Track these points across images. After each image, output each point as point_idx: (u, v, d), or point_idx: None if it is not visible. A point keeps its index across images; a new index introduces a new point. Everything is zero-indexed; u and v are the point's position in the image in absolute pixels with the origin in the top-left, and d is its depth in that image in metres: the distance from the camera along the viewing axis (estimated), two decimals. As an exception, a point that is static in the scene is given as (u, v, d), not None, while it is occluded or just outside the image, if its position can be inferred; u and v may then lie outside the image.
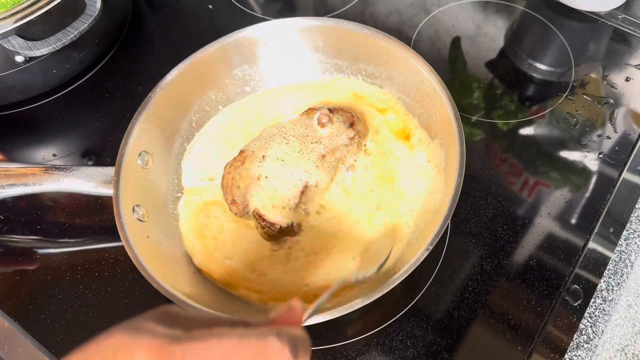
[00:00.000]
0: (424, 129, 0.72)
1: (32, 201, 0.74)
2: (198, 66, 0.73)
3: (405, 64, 0.72)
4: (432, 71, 0.69)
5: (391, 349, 0.63)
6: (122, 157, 0.64)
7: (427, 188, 0.68)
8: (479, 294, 0.67)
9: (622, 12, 0.94)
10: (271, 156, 0.66)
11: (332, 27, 0.75)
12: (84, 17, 0.74)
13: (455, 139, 0.63)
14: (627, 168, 0.77)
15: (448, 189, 0.61)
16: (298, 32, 0.76)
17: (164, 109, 0.70)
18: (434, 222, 0.60)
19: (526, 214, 0.73)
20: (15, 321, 0.65)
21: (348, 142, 0.68)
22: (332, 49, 0.77)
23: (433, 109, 0.69)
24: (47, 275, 0.68)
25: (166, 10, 0.96)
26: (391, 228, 0.66)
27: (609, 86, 0.86)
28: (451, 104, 0.65)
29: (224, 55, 0.75)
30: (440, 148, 0.68)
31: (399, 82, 0.74)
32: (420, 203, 0.67)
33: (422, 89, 0.70)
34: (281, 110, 0.77)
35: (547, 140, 0.80)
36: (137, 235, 0.60)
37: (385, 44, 0.73)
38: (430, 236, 0.56)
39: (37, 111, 0.82)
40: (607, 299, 0.67)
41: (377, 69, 0.76)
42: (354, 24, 0.74)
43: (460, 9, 0.96)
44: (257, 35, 0.76)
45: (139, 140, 0.67)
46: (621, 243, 0.71)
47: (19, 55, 0.72)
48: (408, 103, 0.74)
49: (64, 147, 0.79)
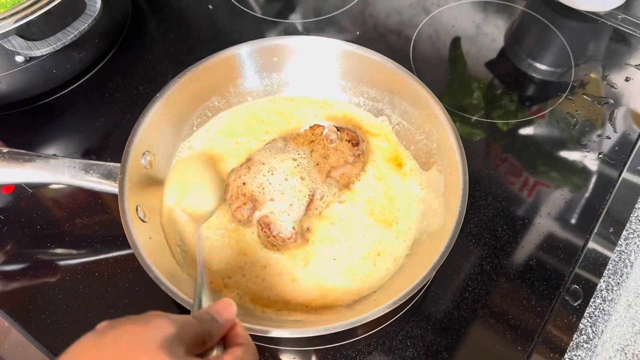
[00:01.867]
0: (417, 158, 0.73)
1: (32, 201, 0.74)
2: (207, 71, 0.73)
3: (410, 92, 0.72)
4: (436, 100, 0.69)
5: (391, 349, 0.63)
6: (128, 155, 0.64)
7: (421, 211, 0.69)
8: (479, 294, 0.67)
9: (622, 12, 0.94)
10: (278, 168, 0.66)
11: (341, 49, 0.75)
12: (84, 17, 0.74)
13: (456, 165, 0.64)
14: (627, 168, 0.77)
15: (449, 213, 0.62)
16: (308, 49, 0.76)
17: (171, 110, 0.70)
18: (433, 245, 0.61)
19: (526, 214, 0.73)
20: (15, 321, 0.65)
21: (353, 161, 0.69)
22: (338, 69, 0.77)
23: (434, 136, 0.70)
24: (47, 276, 0.68)
25: (166, 10, 0.96)
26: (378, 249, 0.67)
27: (608, 86, 0.86)
28: (454, 132, 0.66)
29: (233, 63, 0.75)
30: (439, 174, 0.68)
31: (400, 108, 0.74)
32: (415, 225, 0.68)
33: (425, 116, 0.71)
34: (283, 120, 0.77)
35: (547, 140, 0.80)
36: (140, 235, 0.60)
37: (391, 71, 0.73)
38: (432, 260, 0.57)
39: (37, 111, 0.82)
40: (606, 298, 0.67)
41: (380, 93, 0.76)
42: (362, 49, 0.74)
43: (460, 9, 0.96)
44: (267, 47, 0.76)
45: (144, 138, 0.67)
46: (621, 243, 0.71)
47: (19, 55, 0.72)
48: (407, 129, 0.74)
49: (64, 147, 0.79)
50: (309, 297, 0.63)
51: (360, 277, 0.64)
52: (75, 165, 0.64)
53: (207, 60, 0.73)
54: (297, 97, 0.79)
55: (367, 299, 0.62)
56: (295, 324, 0.60)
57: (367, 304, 0.60)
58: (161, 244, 0.64)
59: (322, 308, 0.62)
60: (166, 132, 0.71)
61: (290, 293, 0.63)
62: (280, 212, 0.64)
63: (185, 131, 0.74)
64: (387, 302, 0.55)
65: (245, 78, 0.77)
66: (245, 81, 0.77)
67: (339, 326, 0.54)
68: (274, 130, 0.76)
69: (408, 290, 0.55)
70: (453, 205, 0.62)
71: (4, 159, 0.63)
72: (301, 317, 0.61)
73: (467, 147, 0.65)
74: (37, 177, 0.63)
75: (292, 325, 0.59)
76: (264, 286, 0.64)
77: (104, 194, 0.72)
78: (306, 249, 0.66)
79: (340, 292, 0.63)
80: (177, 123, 0.72)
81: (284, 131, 0.75)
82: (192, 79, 0.72)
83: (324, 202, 0.68)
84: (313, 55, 0.76)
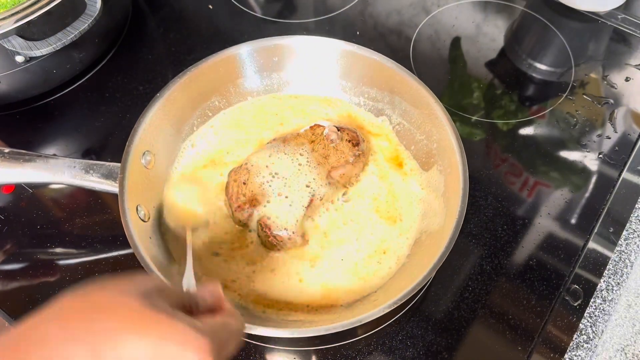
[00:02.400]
0: (418, 158, 0.73)
1: (32, 201, 0.74)
2: (207, 71, 0.73)
3: (410, 92, 0.72)
4: (437, 100, 0.69)
5: (391, 349, 0.63)
6: (128, 155, 0.64)
7: (421, 210, 0.69)
8: (479, 294, 0.67)
9: (622, 12, 0.94)
10: (278, 169, 0.66)
11: (341, 49, 0.75)
12: (84, 17, 0.74)
13: (456, 165, 0.64)
14: (627, 168, 0.77)
15: (449, 213, 0.62)
16: (308, 49, 0.76)
17: (171, 110, 0.70)
18: (432, 245, 0.61)
19: (526, 214, 0.73)
20: (15, 321, 0.65)
21: (353, 161, 0.69)
22: (338, 69, 0.77)
23: (434, 137, 0.70)
24: (47, 275, 0.68)
25: (166, 10, 0.96)
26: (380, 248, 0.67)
27: (608, 86, 0.86)
28: (454, 133, 0.66)
29: (234, 63, 0.75)
30: (439, 174, 0.68)
31: (400, 108, 0.74)
32: (416, 224, 0.68)
33: (425, 116, 0.71)
34: (283, 118, 0.77)
35: (547, 140, 0.80)
36: (141, 235, 0.60)
37: (392, 71, 0.73)
38: (432, 260, 0.57)
39: (37, 111, 0.82)
40: (607, 298, 0.67)
41: (380, 93, 0.76)
42: (362, 49, 0.74)
43: (460, 9, 0.96)
44: (267, 46, 0.76)
45: (144, 138, 0.67)
46: (621, 243, 0.71)
47: (19, 55, 0.72)
48: (408, 129, 0.74)
49: (64, 147, 0.79)
50: (312, 297, 0.63)
51: (364, 276, 0.64)
52: (76, 165, 0.63)
53: (207, 60, 0.73)
54: (301, 95, 0.79)
55: (367, 298, 0.62)
56: (295, 324, 0.60)
57: (367, 304, 0.60)
58: (161, 244, 0.64)
59: (322, 307, 0.62)
60: (166, 132, 0.71)
61: (295, 294, 0.63)
62: (280, 213, 0.64)
63: (186, 130, 0.74)
64: (387, 302, 0.55)
65: (245, 78, 0.77)
66: (246, 81, 0.77)
67: (339, 326, 0.53)
68: (289, 124, 0.76)
69: (408, 290, 0.55)
70: (453, 205, 0.62)
71: (5, 159, 0.63)
72: (302, 317, 0.61)
73: (467, 147, 0.65)
74: (38, 177, 0.63)
75: (292, 325, 0.59)
76: (269, 288, 0.64)
77: (104, 194, 0.72)
78: (315, 250, 0.66)
79: (342, 292, 0.63)
80: (177, 123, 0.72)
81: (298, 126, 0.75)
82: (192, 79, 0.71)
83: (323, 203, 0.68)
84: (313, 55, 0.76)
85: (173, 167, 0.72)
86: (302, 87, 0.79)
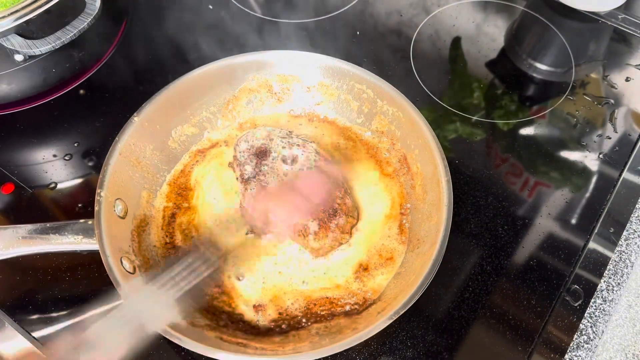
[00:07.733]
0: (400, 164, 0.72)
1: (32, 201, 0.74)
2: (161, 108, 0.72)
3: (394, 103, 0.72)
4: (415, 110, 0.69)
5: (391, 349, 0.63)
6: (101, 206, 0.61)
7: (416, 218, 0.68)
8: (479, 294, 0.67)
9: (622, 12, 0.94)
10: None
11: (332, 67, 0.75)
12: (83, 15, 0.74)
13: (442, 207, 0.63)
14: (627, 168, 0.77)
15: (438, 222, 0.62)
16: (297, 65, 0.75)
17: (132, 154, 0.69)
18: (425, 253, 0.61)
19: (526, 214, 0.73)
20: (15, 321, 0.65)
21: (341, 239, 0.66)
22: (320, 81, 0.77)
23: (414, 142, 0.70)
24: (47, 275, 0.68)
25: (166, 10, 0.96)
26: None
27: (609, 86, 0.86)
28: (434, 139, 0.66)
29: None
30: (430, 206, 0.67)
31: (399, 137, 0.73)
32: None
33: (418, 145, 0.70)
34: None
35: (547, 140, 0.80)
36: (133, 287, 0.58)
37: (373, 84, 0.72)
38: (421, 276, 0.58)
39: (37, 111, 0.82)
40: (607, 299, 0.67)
41: (364, 105, 0.75)
42: (344, 63, 0.74)
43: (460, 9, 0.96)
44: (255, 61, 0.75)
45: (113, 187, 0.64)
46: (621, 243, 0.71)
47: (18, 54, 0.72)
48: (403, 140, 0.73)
49: (64, 147, 0.79)
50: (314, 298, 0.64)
51: (365, 282, 0.65)
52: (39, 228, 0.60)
53: (158, 95, 0.71)
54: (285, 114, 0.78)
55: (368, 309, 0.62)
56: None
57: (368, 316, 0.60)
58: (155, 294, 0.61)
59: (322, 311, 0.63)
60: (133, 175, 0.68)
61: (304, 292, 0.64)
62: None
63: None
64: (389, 314, 0.55)
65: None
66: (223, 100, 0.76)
67: (345, 344, 0.54)
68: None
69: (406, 299, 0.56)
70: (441, 216, 0.62)
71: None
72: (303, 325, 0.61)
73: (468, 147, 0.65)
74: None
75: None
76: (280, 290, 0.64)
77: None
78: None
79: (344, 292, 0.64)
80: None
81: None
82: (150, 119, 0.70)
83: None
84: (293, 69, 0.76)
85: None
86: (289, 106, 0.78)
